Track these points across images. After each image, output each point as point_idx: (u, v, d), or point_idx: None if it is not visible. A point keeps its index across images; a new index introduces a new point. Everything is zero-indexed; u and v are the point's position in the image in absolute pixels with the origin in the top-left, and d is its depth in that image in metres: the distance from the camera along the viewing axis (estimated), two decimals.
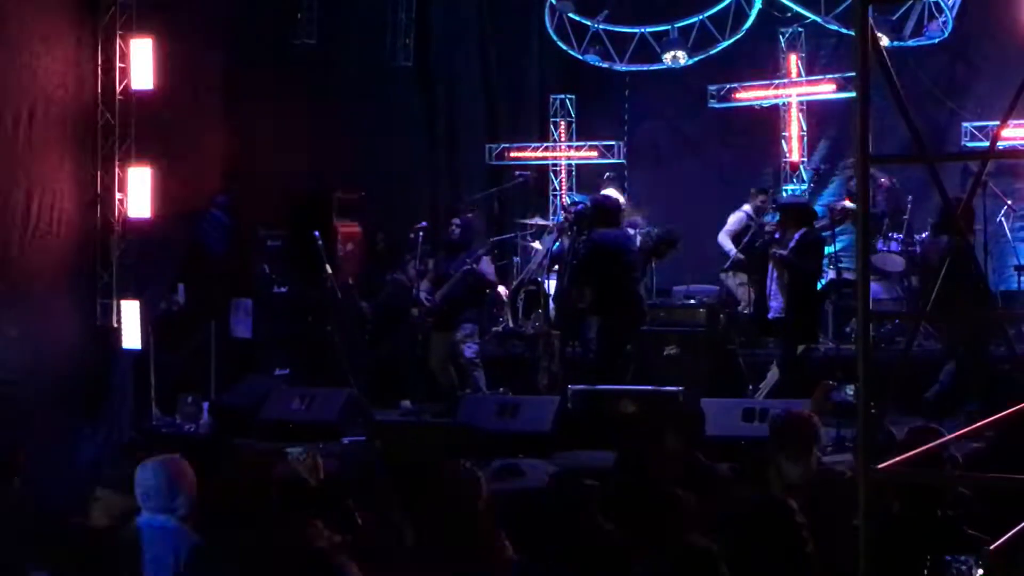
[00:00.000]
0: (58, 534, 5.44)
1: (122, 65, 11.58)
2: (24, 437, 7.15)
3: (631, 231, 12.87)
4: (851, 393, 10.98)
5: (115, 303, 11.54)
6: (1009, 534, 4.38)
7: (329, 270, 12.88)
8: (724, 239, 14.01)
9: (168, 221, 12.22)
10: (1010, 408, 5.32)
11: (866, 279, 3.80)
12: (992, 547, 4.21)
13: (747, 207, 14.18)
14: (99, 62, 11.52)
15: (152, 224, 11.78)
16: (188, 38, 12.47)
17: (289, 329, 13.66)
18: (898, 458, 3.86)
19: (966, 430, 5.02)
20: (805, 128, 15.96)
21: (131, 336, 11.50)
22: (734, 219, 14.13)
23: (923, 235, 13.03)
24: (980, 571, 3.72)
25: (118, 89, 11.58)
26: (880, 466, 3.82)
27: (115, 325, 11.46)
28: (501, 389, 12.63)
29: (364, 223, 14.00)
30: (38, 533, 5.85)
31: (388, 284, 13.48)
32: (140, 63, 11.58)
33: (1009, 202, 13.68)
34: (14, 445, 6.85)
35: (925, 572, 3.77)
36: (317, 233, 12.98)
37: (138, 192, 11.60)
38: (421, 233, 12.87)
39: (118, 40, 11.56)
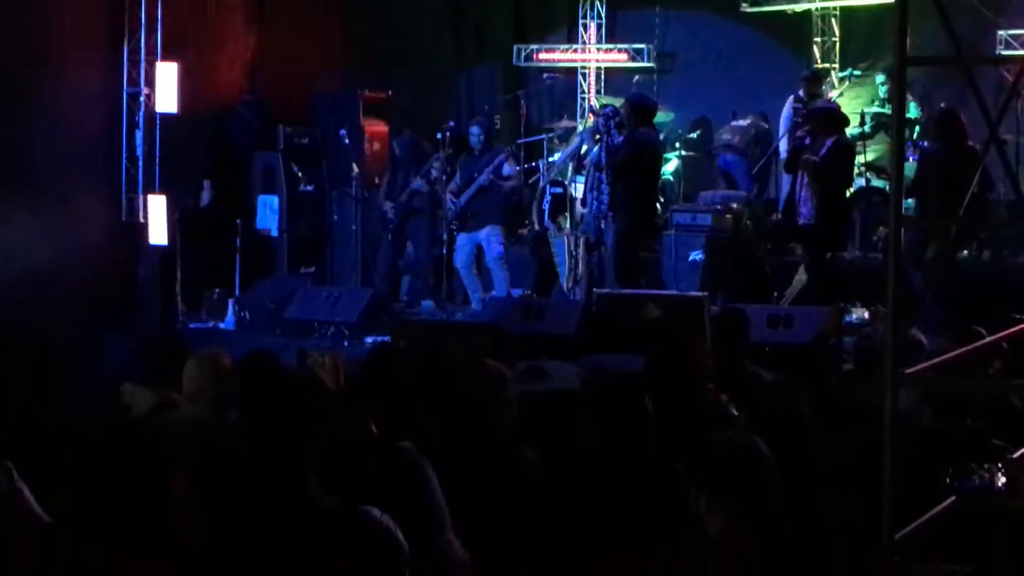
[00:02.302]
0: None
1: None
2: (54, 337, 7.14)
3: None
4: (865, 315, 11.00)
5: (142, 198, 11.56)
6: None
7: (356, 169, 12.86)
8: (782, 142, 13.67)
9: (195, 117, 12.20)
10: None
11: (900, 183, 3.77)
12: (1015, 456, 4.22)
13: (789, 104, 13.88)
14: None
15: (179, 120, 11.76)
16: None
17: (315, 228, 13.66)
18: (927, 363, 3.85)
19: (989, 339, 5.01)
20: (838, 34, 15.74)
21: (158, 232, 11.54)
22: (783, 115, 13.84)
23: None
24: (1003, 479, 3.72)
25: None
26: (908, 371, 3.82)
27: (142, 221, 11.50)
28: (525, 292, 12.64)
29: (391, 123, 13.92)
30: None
31: (411, 185, 13.43)
32: None
33: None
34: (48, 349, 6.81)
35: (947, 480, 3.77)
36: (344, 132, 12.94)
37: (165, 87, 11.57)
38: (448, 133, 12.79)
39: None
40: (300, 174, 13.52)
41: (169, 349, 6.63)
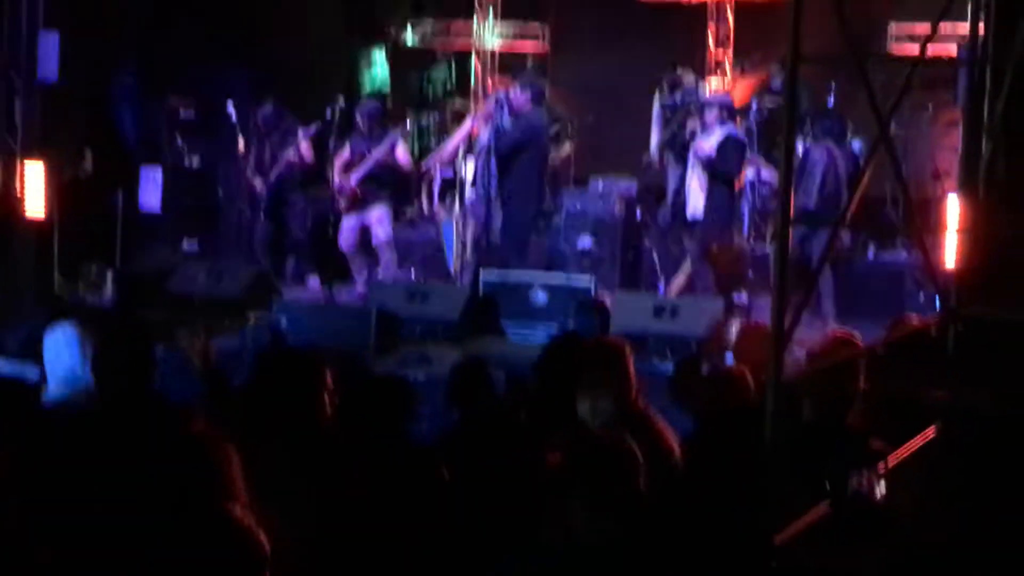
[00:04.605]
0: None
1: None
2: None
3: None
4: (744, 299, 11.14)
5: (19, 165, 11.20)
6: (901, 448, 4.36)
7: (242, 144, 12.64)
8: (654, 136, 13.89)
9: (76, 85, 11.87)
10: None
11: (789, 178, 3.72)
12: (886, 459, 4.19)
13: (657, 99, 14.09)
14: None
15: (59, 87, 11.42)
16: None
17: (199, 202, 13.40)
18: (810, 363, 3.82)
19: (877, 341, 5.01)
20: (732, 25, 15.78)
21: (35, 204, 11.17)
22: (654, 117, 14.04)
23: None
24: (883, 483, 3.69)
25: None
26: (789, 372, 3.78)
27: (18, 195, 11.11)
28: (412, 272, 12.52)
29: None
30: None
31: (280, 161, 13.06)
32: None
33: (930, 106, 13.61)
34: None
35: (827, 484, 3.74)
36: (231, 104, 12.70)
37: (46, 55, 11.21)
38: (338, 109, 12.58)
39: None
40: (184, 147, 13.25)
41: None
